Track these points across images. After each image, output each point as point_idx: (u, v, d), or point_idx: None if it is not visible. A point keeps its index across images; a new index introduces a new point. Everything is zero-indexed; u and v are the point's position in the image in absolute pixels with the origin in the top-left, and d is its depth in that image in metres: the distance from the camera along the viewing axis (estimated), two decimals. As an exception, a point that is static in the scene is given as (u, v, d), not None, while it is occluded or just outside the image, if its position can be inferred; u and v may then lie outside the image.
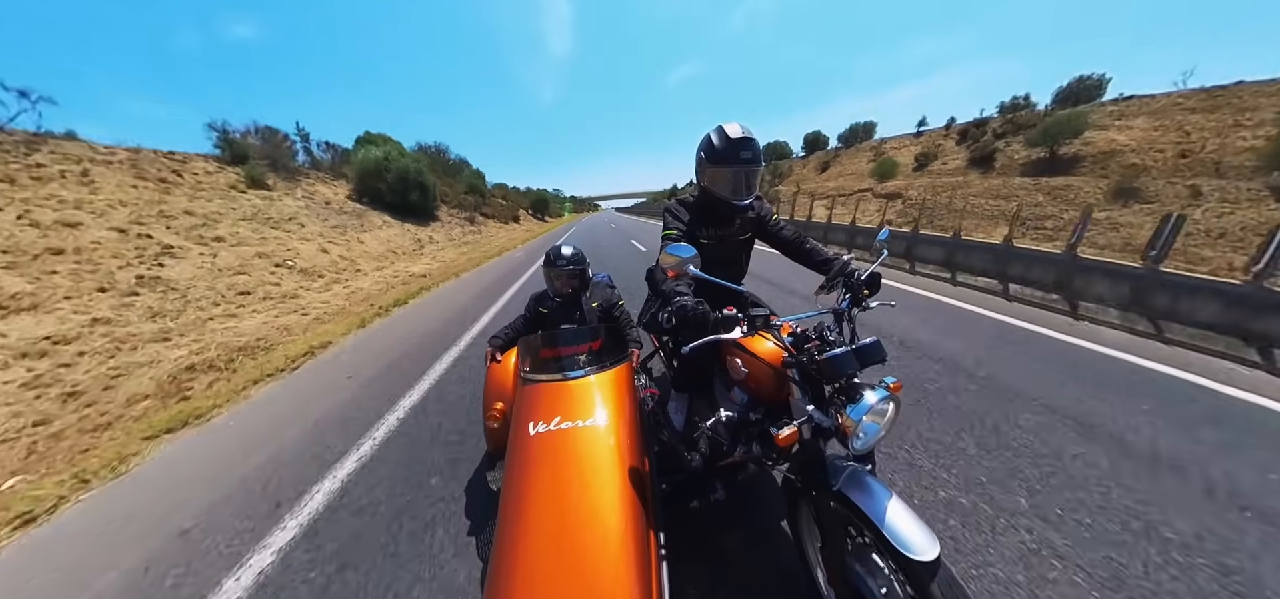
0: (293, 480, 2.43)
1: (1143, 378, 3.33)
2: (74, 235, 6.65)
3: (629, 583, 1.07)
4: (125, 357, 4.61)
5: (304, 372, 4.22)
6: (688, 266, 1.39)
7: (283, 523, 2.11)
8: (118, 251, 6.77)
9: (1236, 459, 2.31)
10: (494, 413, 2.05)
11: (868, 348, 1.22)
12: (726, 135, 1.69)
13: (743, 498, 2.00)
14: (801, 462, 1.37)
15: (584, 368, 1.82)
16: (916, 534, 1.03)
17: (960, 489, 2.08)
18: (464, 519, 2.05)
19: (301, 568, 1.84)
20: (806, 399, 1.27)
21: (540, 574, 1.10)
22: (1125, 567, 1.67)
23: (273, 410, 3.40)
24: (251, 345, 5.09)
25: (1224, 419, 2.72)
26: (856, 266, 1.59)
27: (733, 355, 1.67)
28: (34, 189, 7.38)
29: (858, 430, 1.13)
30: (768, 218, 1.97)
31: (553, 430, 1.46)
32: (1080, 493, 2.05)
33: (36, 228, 6.46)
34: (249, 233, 9.54)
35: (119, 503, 2.37)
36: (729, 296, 1.53)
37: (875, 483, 1.17)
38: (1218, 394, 3.05)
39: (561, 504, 1.26)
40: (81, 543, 2.11)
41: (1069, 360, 3.64)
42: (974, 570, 1.66)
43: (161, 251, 7.30)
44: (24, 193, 7.18)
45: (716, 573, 1.68)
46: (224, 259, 8.02)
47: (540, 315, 2.44)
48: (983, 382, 3.21)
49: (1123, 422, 2.66)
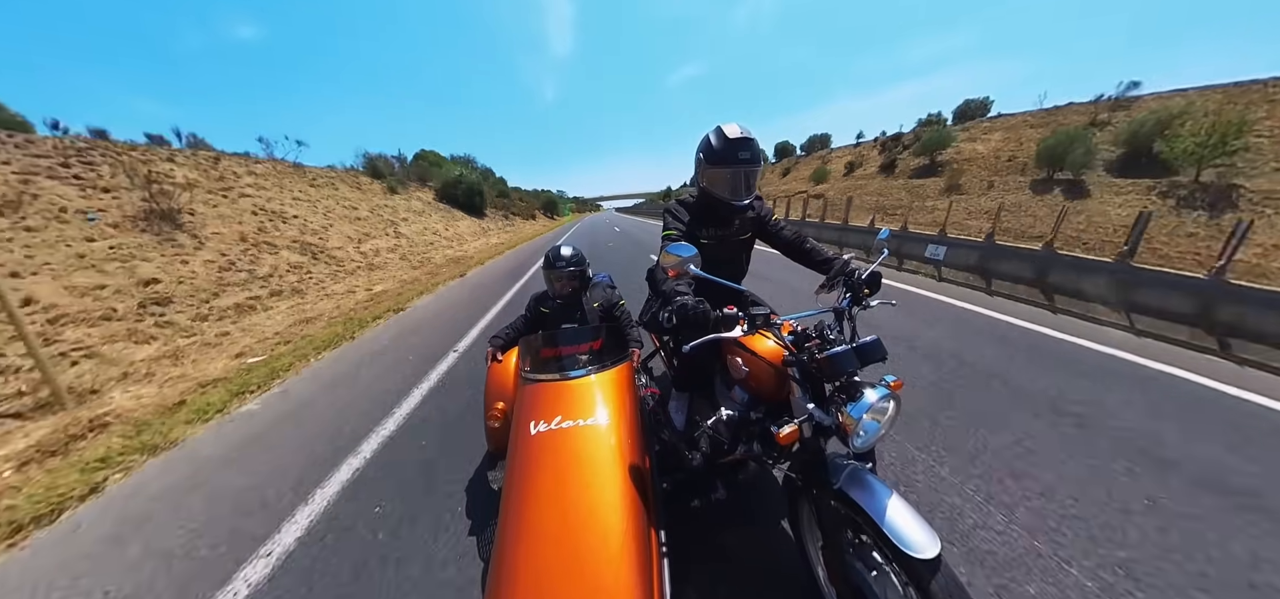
0: (494, 287, 8.18)
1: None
2: (359, 217, 13.82)
3: (630, 582, 1.07)
4: (400, 270, 10.90)
5: (485, 267, 10.98)
6: (688, 266, 1.39)
7: (500, 300, 6.91)
8: (380, 224, 14.37)
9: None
10: (495, 412, 2.05)
11: (868, 346, 1.23)
12: (725, 136, 1.69)
13: (743, 497, 2.00)
14: (802, 460, 1.37)
15: (585, 367, 1.82)
16: (917, 532, 1.03)
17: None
18: (465, 518, 2.06)
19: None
20: (807, 398, 1.27)
21: (541, 573, 1.10)
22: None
23: (475, 280, 9.18)
24: (453, 260, 12.69)
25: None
26: (856, 266, 1.59)
27: (733, 354, 1.67)
28: (324, 192, 13.86)
29: (858, 429, 1.13)
30: (767, 218, 1.98)
31: (554, 430, 1.46)
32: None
33: (345, 210, 13.73)
34: (412, 216, 17.50)
35: (446, 295, 7.73)
36: (729, 296, 1.53)
37: (876, 481, 1.17)
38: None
39: (562, 503, 1.26)
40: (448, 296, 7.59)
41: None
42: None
43: (396, 224, 15.26)
44: (326, 197, 13.62)
45: (717, 572, 1.68)
46: (410, 229, 15.67)
47: (541, 315, 2.44)
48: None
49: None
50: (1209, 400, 3.02)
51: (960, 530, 1.85)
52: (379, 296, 7.66)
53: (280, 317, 6.31)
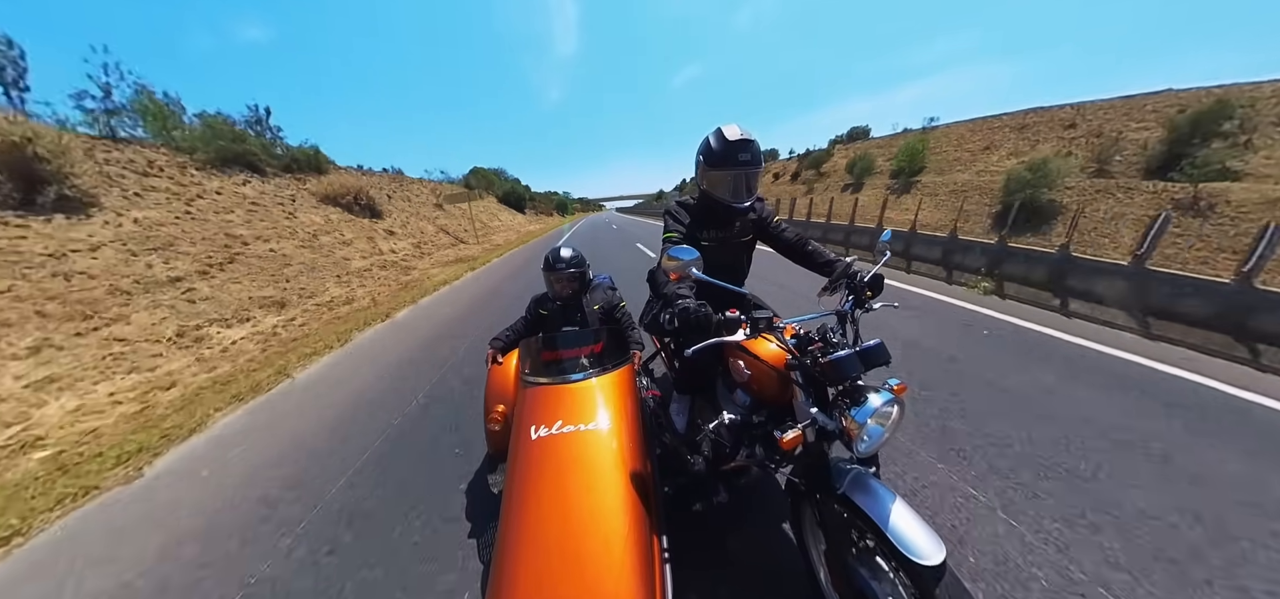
0: (557, 235, 23.71)
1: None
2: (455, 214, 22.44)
3: (632, 588, 1.07)
4: (509, 235, 24.20)
5: (540, 239, 21.48)
6: (690, 269, 1.38)
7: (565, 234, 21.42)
8: (485, 214, 27.32)
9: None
10: (495, 415, 2.04)
11: (872, 350, 1.21)
12: (725, 138, 1.68)
13: (746, 501, 1.99)
14: (805, 465, 1.36)
15: (585, 371, 1.81)
16: (921, 538, 1.02)
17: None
18: (465, 522, 2.05)
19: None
20: (810, 402, 1.26)
21: (542, 579, 1.09)
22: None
23: (534, 245, 18.12)
24: (529, 233, 26.71)
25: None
26: (859, 268, 1.58)
27: (736, 358, 1.66)
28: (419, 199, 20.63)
29: (862, 433, 1.12)
30: (769, 219, 1.96)
31: (554, 434, 1.45)
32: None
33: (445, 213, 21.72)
34: (493, 211, 30.82)
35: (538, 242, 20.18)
36: (731, 299, 1.52)
37: (879, 486, 1.16)
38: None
39: (563, 509, 1.25)
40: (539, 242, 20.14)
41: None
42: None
43: (494, 216, 29.43)
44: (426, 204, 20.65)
45: (719, 577, 1.67)
46: (499, 220, 29.55)
47: (541, 317, 2.42)
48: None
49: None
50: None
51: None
52: (501, 246, 18.18)
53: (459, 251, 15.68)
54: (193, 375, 4.60)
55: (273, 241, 8.85)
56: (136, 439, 3.22)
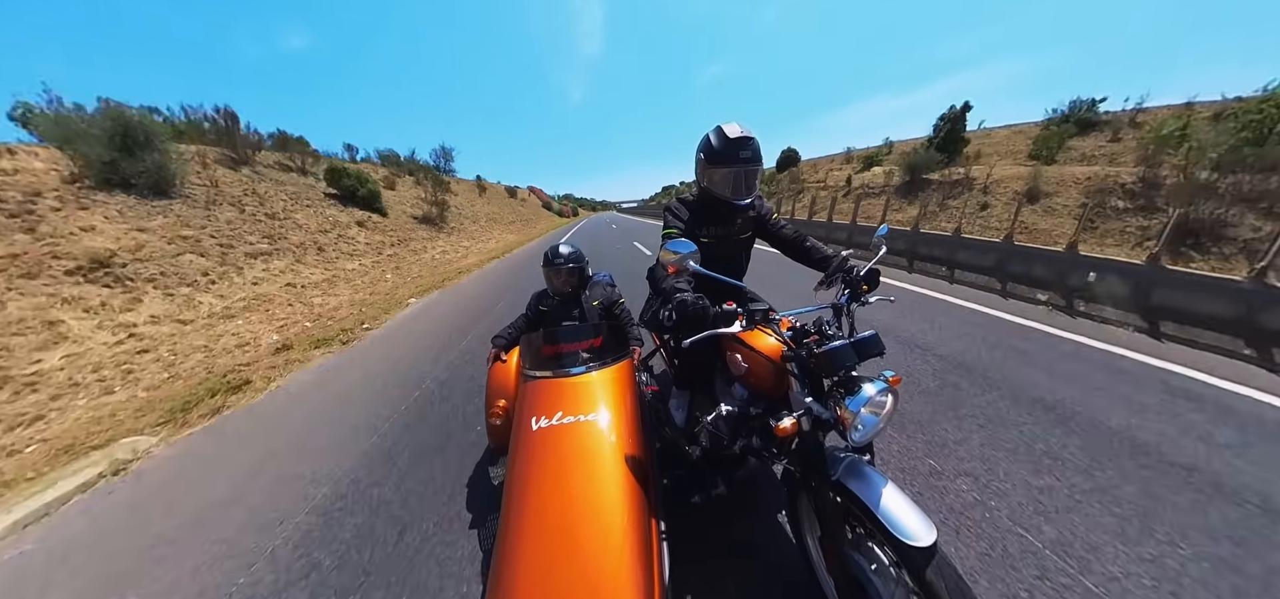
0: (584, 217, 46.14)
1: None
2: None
3: (630, 576, 1.09)
4: (555, 222, 41.36)
5: (573, 226, 31.43)
6: (688, 262, 1.40)
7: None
8: (528, 212, 40.38)
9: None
10: (496, 410, 2.06)
11: (866, 341, 1.24)
12: (725, 135, 1.70)
13: (743, 492, 2.01)
14: (801, 454, 1.39)
15: (585, 364, 1.83)
16: (912, 520, 1.05)
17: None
18: (467, 513, 2.07)
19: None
20: (805, 392, 1.28)
21: (543, 567, 1.11)
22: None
23: (571, 231, 24.14)
24: (550, 226, 35.78)
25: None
26: (855, 263, 1.61)
27: (733, 351, 1.68)
28: (484, 197, 31.89)
29: (856, 422, 1.14)
30: (768, 217, 1.98)
31: (555, 425, 1.47)
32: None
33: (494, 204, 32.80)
34: (536, 210, 45.87)
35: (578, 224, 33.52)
36: (728, 292, 1.54)
37: (872, 472, 1.18)
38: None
39: (563, 498, 1.27)
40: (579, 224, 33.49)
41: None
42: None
43: (521, 211, 38.15)
44: (487, 200, 31.52)
45: (717, 566, 1.70)
46: (535, 218, 39.19)
47: (541, 313, 2.45)
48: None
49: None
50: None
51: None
52: (544, 230, 28.13)
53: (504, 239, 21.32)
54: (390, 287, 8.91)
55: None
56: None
